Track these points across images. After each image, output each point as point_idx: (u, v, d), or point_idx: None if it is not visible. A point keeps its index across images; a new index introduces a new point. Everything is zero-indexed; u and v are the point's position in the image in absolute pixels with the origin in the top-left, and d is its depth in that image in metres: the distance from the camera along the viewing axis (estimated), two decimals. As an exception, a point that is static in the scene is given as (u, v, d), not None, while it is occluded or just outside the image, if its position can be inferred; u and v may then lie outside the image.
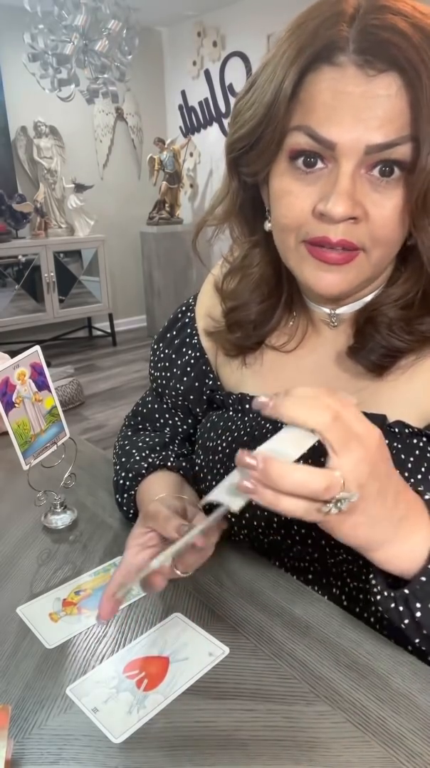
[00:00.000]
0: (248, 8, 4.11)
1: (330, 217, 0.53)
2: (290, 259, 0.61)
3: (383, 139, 0.51)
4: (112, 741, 0.49)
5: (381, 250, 0.56)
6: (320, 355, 0.68)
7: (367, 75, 0.51)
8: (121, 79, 3.60)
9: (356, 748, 0.47)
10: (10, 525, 0.81)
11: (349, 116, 0.51)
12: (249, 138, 0.57)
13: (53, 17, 3.18)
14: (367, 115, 0.51)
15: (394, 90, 0.50)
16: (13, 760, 0.46)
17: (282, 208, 0.58)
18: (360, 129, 0.51)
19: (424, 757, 0.46)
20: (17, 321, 4.34)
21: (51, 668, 0.56)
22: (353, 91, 0.51)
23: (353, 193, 0.53)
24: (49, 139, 4.43)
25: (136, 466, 0.75)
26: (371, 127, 0.51)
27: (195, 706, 0.51)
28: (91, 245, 4.62)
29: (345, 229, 0.54)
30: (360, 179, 0.53)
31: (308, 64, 0.52)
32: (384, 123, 0.51)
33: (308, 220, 0.56)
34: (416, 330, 0.60)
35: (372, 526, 0.47)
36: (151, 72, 4.96)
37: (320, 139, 0.52)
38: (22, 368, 0.73)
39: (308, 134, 0.53)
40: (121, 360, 4.51)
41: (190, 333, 0.79)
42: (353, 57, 0.51)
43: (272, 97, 0.54)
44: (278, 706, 0.51)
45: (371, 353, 0.62)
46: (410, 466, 0.60)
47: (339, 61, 0.51)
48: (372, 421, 0.61)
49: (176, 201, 4.79)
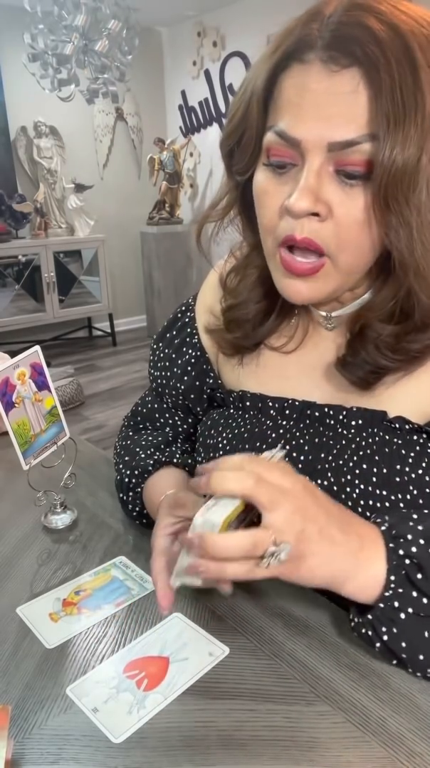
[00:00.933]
0: (248, 8, 4.11)
1: (292, 211, 0.53)
2: (270, 265, 0.62)
3: (344, 137, 0.51)
4: (112, 741, 0.49)
5: (348, 254, 0.56)
6: (320, 354, 0.68)
7: (330, 71, 0.51)
8: (121, 79, 3.60)
9: (356, 748, 0.47)
10: (10, 525, 0.81)
11: (311, 114, 0.52)
12: (234, 136, 0.59)
13: (53, 17, 3.17)
14: (329, 112, 0.51)
15: (354, 86, 0.50)
16: (13, 760, 0.46)
17: (260, 209, 0.59)
18: (322, 126, 0.51)
19: (424, 757, 0.46)
20: (17, 321, 4.34)
21: (51, 668, 0.56)
22: (316, 88, 0.51)
23: (316, 189, 0.53)
24: (49, 139, 4.42)
25: (142, 464, 0.76)
26: (333, 125, 0.51)
27: (195, 706, 0.51)
28: (91, 245, 4.62)
29: (310, 228, 0.54)
30: (328, 177, 0.53)
31: (279, 62, 0.54)
32: (346, 121, 0.51)
33: (278, 220, 0.57)
34: (404, 348, 0.59)
35: (329, 563, 0.50)
36: (151, 72, 4.96)
37: (286, 137, 0.53)
38: (22, 368, 0.73)
39: (276, 133, 0.54)
40: (121, 360, 4.51)
41: (191, 332, 0.79)
42: (319, 53, 0.51)
43: (248, 95, 0.56)
44: (278, 706, 0.51)
45: (359, 369, 0.62)
46: (410, 461, 0.60)
47: (307, 59, 0.52)
48: (372, 417, 0.62)
49: (176, 201, 4.79)
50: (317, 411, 0.66)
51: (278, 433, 0.67)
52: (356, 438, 0.63)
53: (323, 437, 0.65)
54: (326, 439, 0.65)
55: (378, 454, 0.61)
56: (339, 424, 0.64)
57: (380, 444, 0.61)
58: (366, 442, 0.62)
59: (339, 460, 0.62)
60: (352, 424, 0.63)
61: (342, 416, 0.64)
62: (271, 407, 0.69)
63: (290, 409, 0.68)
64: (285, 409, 0.68)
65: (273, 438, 0.67)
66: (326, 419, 0.65)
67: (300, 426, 0.67)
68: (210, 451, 0.71)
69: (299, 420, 0.67)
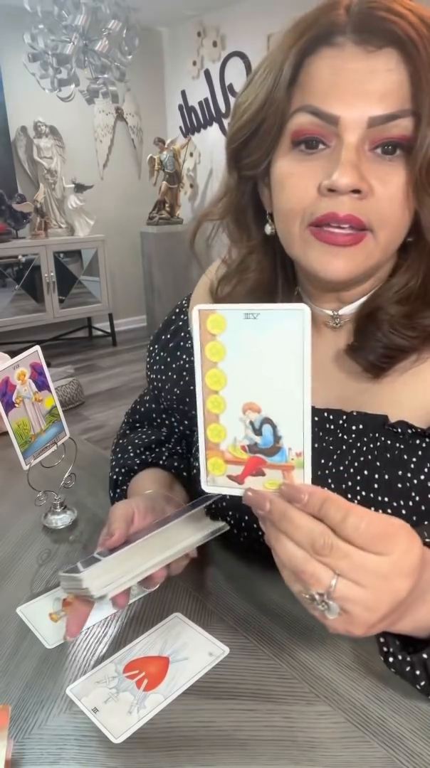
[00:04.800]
0: (248, 8, 4.11)
1: (336, 188, 0.52)
2: (294, 247, 0.59)
3: (385, 111, 0.51)
4: (112, 741, 0.49)
5: (388, 230, 0.55)
6: (320, 356, 0.67)
7: (366, 51, 0.52)
8: (121, 79, 3.60)
9: (356, 748, 0.47)
10: (10, 525, 0.81)
11: (350, 90, 0.52)
12: (250, 125, 0.57)
13: (53, 17, 3.17)
14: (368, 88, 0.51)
15: (393, 64, 0.51)
16: (13, 760, 0.46)
17: (286, 191, 0.57)
18: (362, 102, 0.51)
19: (424, 757, 0.46)
20: (17, 321, 4.34)
21: (51, 668, 0.56)
22: (353, 67, 0.52)
23: (358, 164, 0.52)
24: (49, 139, 4.42)
25: (129, 462, 0.77)
26: (372, 100, 0.51)
27: (195, 706, 0.51)
28: (91, 245, 4.62)
29: (352, 205, 0.53)
30: (364, 156, 0.53)
31: (307, 47, 0.53)
32: (385, 96, 0.51)
33: (312, 200, 0.55)
34: (418, 325, 0.59)
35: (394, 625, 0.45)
36: (151, 72, 4.95)
37: (323, 114, 0.53)
38: (22, 368, 0.73)
39: (310, 112, 0.53)
40: (121, 360, 4.51)
41: (184, 336, 0.78)
42: (351, 36, 0.52)
43: (272, 82, 0.55)
44: (278, 706, 0.51)
45: (371, 353, 0.61)
46: (412, 467, 0.59)
47: (338, 42, 0.53)
48: (373, 421, 0.61)
49: (176, 201, 4.78)
50: (316, 415, 0.64)
51: None
52: (356, 443, 0.62)
53: (322, 442, 0.64)
54: (325, 444, 0.63)
55: (379, 460, 0.60)
56: (339, 428, 0.63)
57: (382, 449, 0.60)
58: (367, 448, 0.61)
59: (340, 466, 0.62)
60: (352, 429, 0.62)
61: (342, 421, 0.63)
62: None
63: None
64: None
65: None
66: (325, 424, 0.64)
67: None
68: None
69: None
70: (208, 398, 0.45)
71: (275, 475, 0.44)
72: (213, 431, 0.46)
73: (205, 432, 0.46)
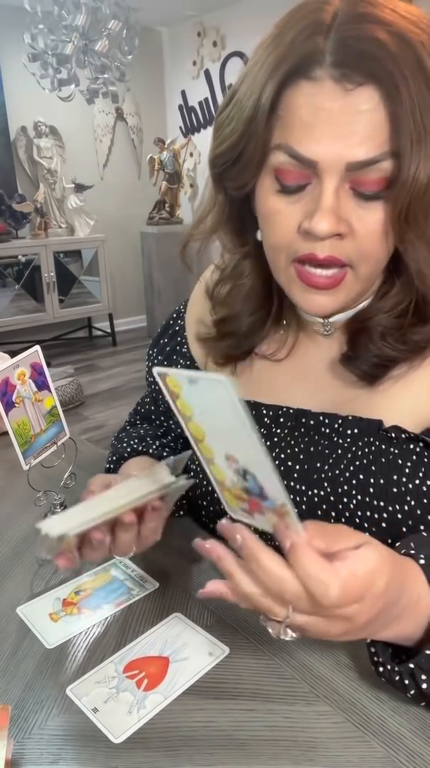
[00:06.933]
0: (248, 8, 4.11)
1: (314, 234, 0.52)
2: (280, 278, 0.60)
3: (364, 157, 0.49)
4: (112, 741, 0.49)
5: (368, 265, 0.55)
6: (313, 363, 0.68)
7: (345, 89, 0.49)
8: (121, 79, 3.60)
9: (356, 748, 0.47)
10: (10, 525, 0.81)
11: (328, 133, 0.50)
12: (231, 153, 0.56)
13: (53, 17, 3.17)
14: (346, 131, 0.49)
15: (373, 104, 0.48)
16: (13, 760, 0.46)
17: (271, 227, 0.57)
18: (340, 146, 0.50)
19: (424, 757, 0.46)
20: (17, 321, 4.34)
21: (51, 668, 0.56)
22: (331, 107, 0.49)
23: (336, 209, 0.52)
24: (49, 139, 4.42)
25: (121, 450, 0.80)
26: (351, 144, 0.49)
27: (195, 706, 0.51)
28: (91, 245, 4.62)
29: (331, 246, 0.53)
30: (345, 194, 0.52)
31: (285, 78, 0.51)
32: (365, 139, 0.49)
33: (295, 237, 0.55)
34: (409, 340, 0.59)
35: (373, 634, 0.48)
36: (151, 72, 4.96)
37: (300, 158, 0.51)
38: (22, 368, 0.73)
39: (288, 153, 0.52)
40: (121, 360, 4.51)
41: (181, 341, 0.79)
42: (330, 71, 0.49)
43: (251, 112, 0.53)
44: (278, 706, 0.51)
45: (364, 363, 0.61)
46: (407, 471, 0.59)
47: (316, 75, 0.49)
48: (368, 426, 0.61)
49: (176, 201, 4.79)
50: (311, 419, 0.65)
51: (273, 441, 0.67)
52: (351, 448, 0.62)
53: (318, 446, 0.64)
54: (321, 448, 0.64)
55: (374, 464, 0.60)
56: (334, 433, 0.63)
57: (376, 454, 0.60)
58: (362, 452, 0.61)
59: (335, 470, 0.62)
60: (347, 433, 0.62)
61: (337, 425, 0.63)
62: (265, 415, 0.68)
63: (284, 417, 0.67)
64: (279, 417, 0.67)
65: (267, 446, 0.66)
66: (321, 428, 0.64)
67: (295, 434, 0.66)
68: None
69: (293, 428, 0.66)
70: (198, 445, 0.47)
71: (274, 519, 0.45)
72: (215, 470, 0.47)
73: (210, 471, 0.48)
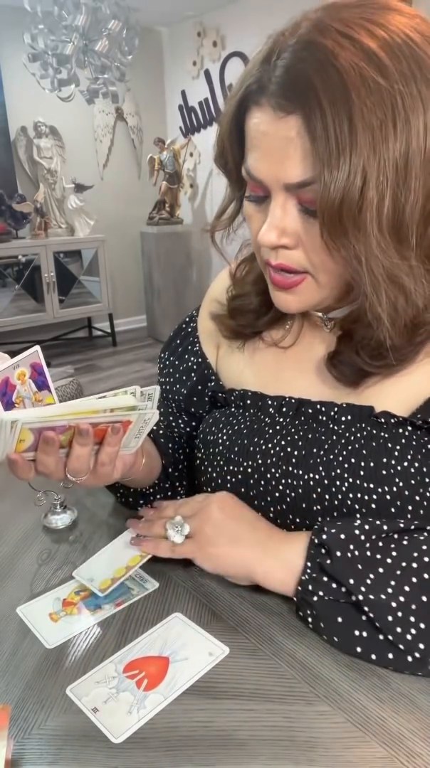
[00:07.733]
0: (248, 8, 4.11)
1: (262, 244, 0.59)
2: (265, 275, 0.66)
3: (296, 179, 0.54)
4: (112, 741, 0.49)
5: (325, 274, 0.60)
6: (315, 352, 0.72)
7: (278, 117, 0.53)
8: (121, 79, 3.60)
9: (356, 748, 0.47)
10: (10, 525, 0.81)
11: (268, 157, 0.55)
12: (220, 161, 0.64)
13: (53, 17, 3.17)
14: (281, 155, 0.54)
15: (296, 131, 0.52)
16: (13, 760, 0.46)
17: (250, 229, 0.64)
18: (277, 169, 0.55)
19: (424, 757, 0.46)
20: (17, 321, 4.34)
21: (51, 668, 0.56)
22: (268, 131, 0.54)
23: (282, 223, 0.57)
24: (49, 139, 4.42)
25: None
26: (285, 167, 0.54)
27: (195, 706, 0.51)
28: (91, 245, 4.62)
29: (282, 255, 0.60)
30: (293, 209, 0.57)
31: (241, 101, 0.57)
32: (297, 163, 0.53)
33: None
34: (381, 356, 0.62)
35: (232, 551, 0.61)
36: (151, 72, 4.96)
37: (251, 176, 0.58)
38: (22, 368, 0.73)
39: (245, 170, 0.59)
40: (121, 360, 4.51)
41: (193, 341, 0.85)
42: (269, 99, 0.54)
43: (222, 129, 0.61)
44: (277, 706, 0.51)
45: (346, 368, 0.66)
46: (396, 454, 0.62)
47: (261, 102, 0.54)
48: (360, 413, 0.66)
49: (176, 201, 4.79)
50: (310, 408, 0.69)
51: (275, 429, 0.71)
52: (345, 433, 0.66)
53: (316, 433, 0.68)
54: (318, 434, 0.68)
55: (366, 449, 0.64)
56: (330, 420, 0.68)
57: (368, 438, 0.64)
58: (355, 437, 0.65)
59: (330, 455, 0.66)
60: (342, 419, 0.67)
61: (333, 412, 0.68)
62: (270, 405, 0.73)
63: (286, 407, 0.71)
64: (282, 406, 0.72)
65: (270, 434, 0.71)
66: (318, 416, 0.69)
67: (295, 423, 0.70)
68: (209, 447, 0.75)
69: (295, 417, 0.70)
70: None
71: None
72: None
73: None
